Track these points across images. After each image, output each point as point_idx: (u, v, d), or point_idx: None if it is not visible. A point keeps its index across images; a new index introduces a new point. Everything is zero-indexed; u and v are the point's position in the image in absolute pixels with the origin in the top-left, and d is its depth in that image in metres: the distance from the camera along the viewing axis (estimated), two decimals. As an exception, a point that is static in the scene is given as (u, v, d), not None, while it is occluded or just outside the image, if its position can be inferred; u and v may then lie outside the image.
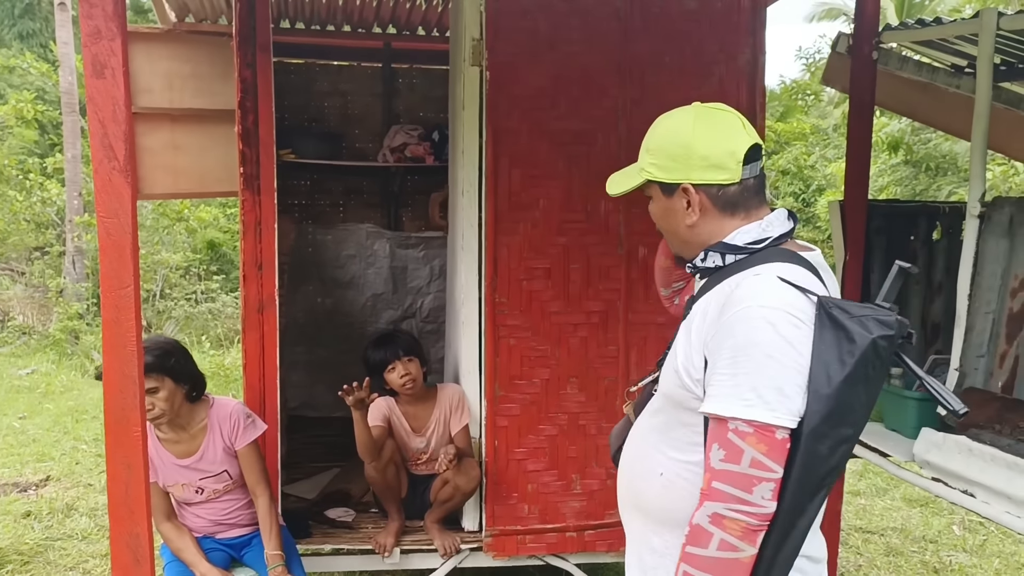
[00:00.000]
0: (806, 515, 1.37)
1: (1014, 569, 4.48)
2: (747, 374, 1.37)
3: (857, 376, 1.34)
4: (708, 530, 1.37)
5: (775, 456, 1.35)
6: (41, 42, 18.42)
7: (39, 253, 12.67)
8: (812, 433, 1.35)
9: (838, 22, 17.84)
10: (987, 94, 2.67)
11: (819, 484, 1.37)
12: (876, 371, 1.36)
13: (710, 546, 1.37)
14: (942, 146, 11.76)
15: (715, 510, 1.37)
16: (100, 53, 1.58)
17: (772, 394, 1.35)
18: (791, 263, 1.48)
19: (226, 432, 2.84)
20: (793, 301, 1.39)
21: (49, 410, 7.50)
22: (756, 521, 1.35)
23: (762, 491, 1.35)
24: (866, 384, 1.36)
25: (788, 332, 1.37)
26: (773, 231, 1.54)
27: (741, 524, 1.35)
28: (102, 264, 1.63)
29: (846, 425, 1.36)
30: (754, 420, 1.35)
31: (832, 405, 1.34)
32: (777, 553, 1.37)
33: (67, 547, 4.50)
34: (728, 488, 1.36)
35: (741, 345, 1.39)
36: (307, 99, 5.42)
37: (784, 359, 1.36)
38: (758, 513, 1.35)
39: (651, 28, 3.19)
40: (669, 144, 1.56)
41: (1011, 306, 2.64)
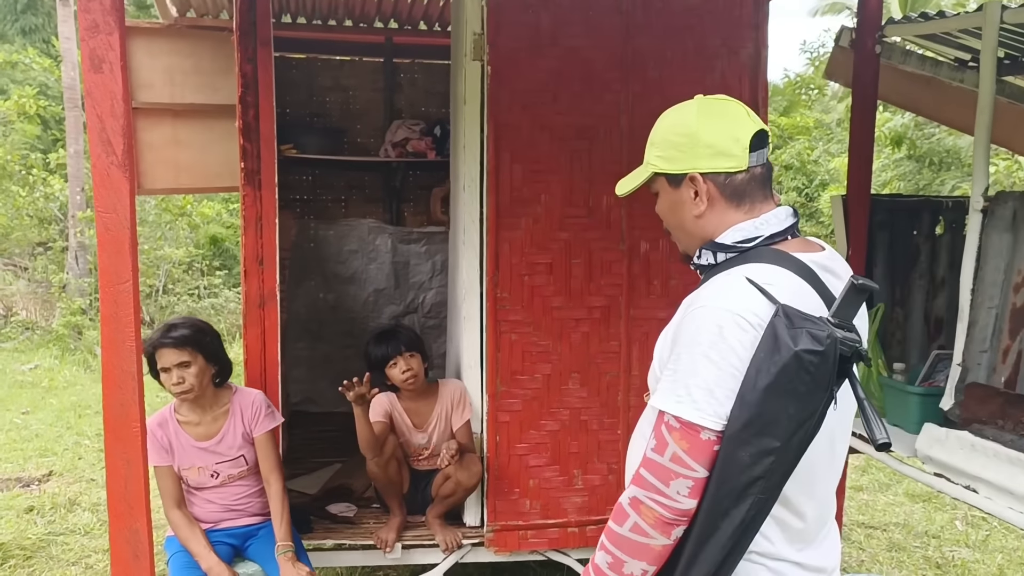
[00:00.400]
0: (730, 519, 1.35)
1: (1017, 564, 4.47)
2: (684, 372, 1.38)
3: (779, 387, 1.30)
4: (626, 511, 1.41)
5: (696, 455, 1.36)
6: (44, 37, 18.43)
7: (42, 248, 12.68)
8: (732, 438, 1.34)
9: (842, 16, 17.80)
10: (990, 88, 2.66)
11: (743, 491, 1.34)
12: (806, 386, 1.30)
13: (624, 525, 1.41)
14: (945, 141, 11.72)
15: (635, 494, 1.40)
16: (98, 47, 1.57)
17: (702, 394, 1.36)
18: (774, 264, 1.44)
19: (247, 418, 2.94)
20: (750, 304, 1.37)
21: (52, 405, 7.51)
22: (669, 514, 1.37)
23: (678, 486, 1.36)
24: (794, 398, 1.30)
25: (732, 334, 1.35)
26: (766, 230, 1.50)
27: (655, 513, 1.38)
28: (100, 259, 1.63)
29: (769, 436, 1.31)
30: (680, 417, 1.37)
31: (752, 412, 1.31)
32: (699, 550, 1.37)
33: (69, 542, 4.51)
34: (649, 477, 1.39)
35: (685, 343, 1.40)
36: (308, 94, 5.41)
37: (721, 362, 1.35)
38: (671, 507, 1.37)
39: (653, 22, 3.18)
40: (673, 135, 1.54)
41: (1014, 301, 2.63)
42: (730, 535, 1.36)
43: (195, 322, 2.95)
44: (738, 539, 1.37)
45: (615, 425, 3.27)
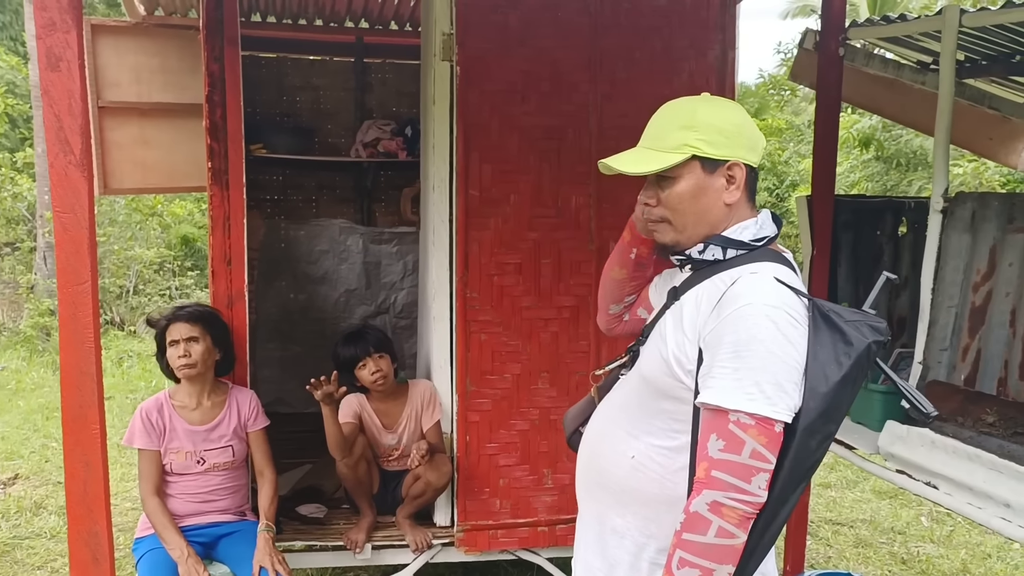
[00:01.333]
0: (788, 504, 1.43)
1: (980, 559, 4.55)
2: (750, 369, 1.41)
3: (850, 377, 1.41)
4: (707, 518, 1.40)
5: (772, 448, 1.40)
6: (11, 35, 18.14)
7: (9, 249, 12.49)
8: (807, 429, 1.40)
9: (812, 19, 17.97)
10: (950, 90, 2.70)
11: (804, 476, 1.43)
12: (863, 373, 1.45)
13: (708, 533, 1.40)
14: (913, 142, 11.88)
15: (715, 498, 1.40)
16: (55, 45, 1.56)
17: (773, 389, 1.40)
18: (782, 264, 1.54)
19: (243, 413, 3.07)
20: (790, 301, 1.45)
21: (19, 407, 7.40)
22: (751, 509, 1.40)
23: (759, 481, 1.39)
24: (853, 385, 1.43)
25: (788, 331, 1.42)
26: (767, 231, 1.59)
27: (739, 512, 1.39)
28: (58, 260, 1.62)
29: (833, 422, 1.43)
30: (756, 413, 1.39)
31: (827, 403, 1.40)
32: (760, 540, 1.42)
33: (35, 546, 4.45)
34: (727, 477, 1.40)
35: (744, 341, 1.42)
36: (279, 93, 5.38)
37: (785, 356, 1.41)
38: (754, 502, 1.40)
39: (621, 23, 3.20)
40: (720, 121, 1.57)
41: (973, 300, 2.67)
42: (784, 520, 1.44)
43: (208, 308, 3.15)
44: (782, 527, 1.45)
45: (584, 424, 3.28)
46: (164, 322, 2.99)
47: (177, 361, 2.92)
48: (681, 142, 1.56)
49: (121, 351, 9.91)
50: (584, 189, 3.21)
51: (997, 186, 10.47)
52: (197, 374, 2.96)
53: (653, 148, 1.59)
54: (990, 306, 2.62)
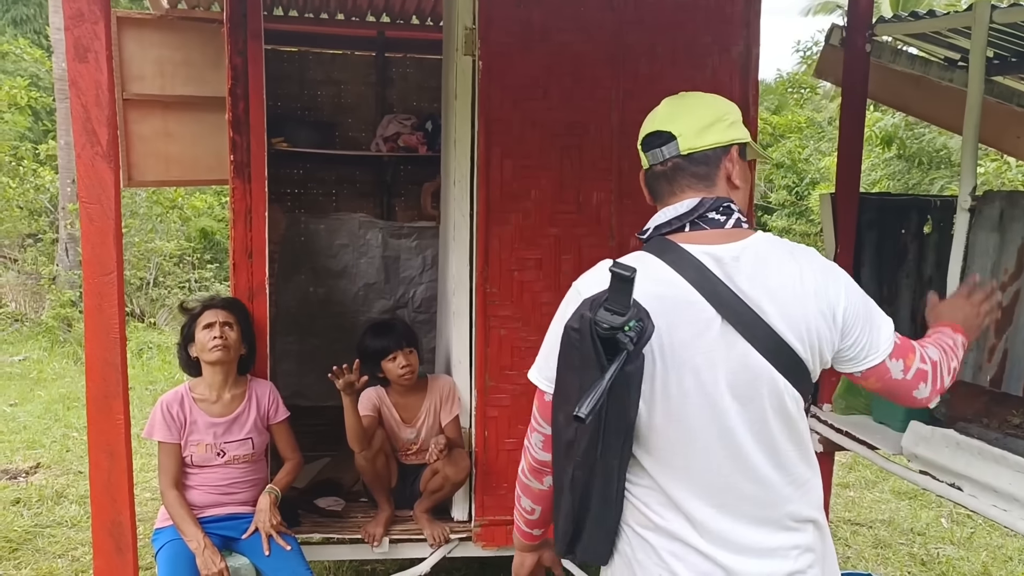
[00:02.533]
0: (568, 475, 1.48)
1: (1001, 562, 4.50)
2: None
3: (562, 359, 1.45)
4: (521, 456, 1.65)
5: (542, 413, 1.56)
6: (35, 28, 18.31)
7: (32, 240, 12.60)
8: (553, 403, 1.52)
9: (834, 15, 17.83)
10: (979, 88, 2.67)
11: (567, 451, 1.47)
12: (580, 361, 1.40)
13: (520, 468, 1.66)
14: (935, 141, 11.76)
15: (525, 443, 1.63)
16: (83, 36, 1.56)
17: (541, 360, 1.57)
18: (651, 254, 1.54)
19: (263, 405, 3.11)
20: (593, 280, 1.55)
21: (40, 397, 7.48)
22: (532, 463, 1.61)
23: (534, 440, 1.59)
24: (572, 370, 1.42)
25: (564, 308, 1.55)
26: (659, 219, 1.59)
27: (528, 461, 1.62)
28: (84, 250, 1.62)
29: (568, 403, 1.40)
30: (531, 379, 1.59)
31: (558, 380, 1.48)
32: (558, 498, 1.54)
33: (56, 534, 4.49)
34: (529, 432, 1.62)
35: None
36: (300, 87, 5.39)
37: (552, 330, 1.56)
38: (532, 456, 1.60)
39: (645, 19, 3.17)
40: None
41: (1000, 300, 2.64)
42: (569, 488, 1.50)
43: (241, 303, 3.20)
44: (583, 494, 1.49)
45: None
46: (200, 308, 3.05)
47: (211, 342, 2.95)
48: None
49: (141, 343, 9.99)
50: (605, 185, 3.20)
51: (1020, 185, 10.36)
52: (227, 360, 3.00)
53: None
54: (1017, 306, 2.58)
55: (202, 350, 2.98)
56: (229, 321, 3.01)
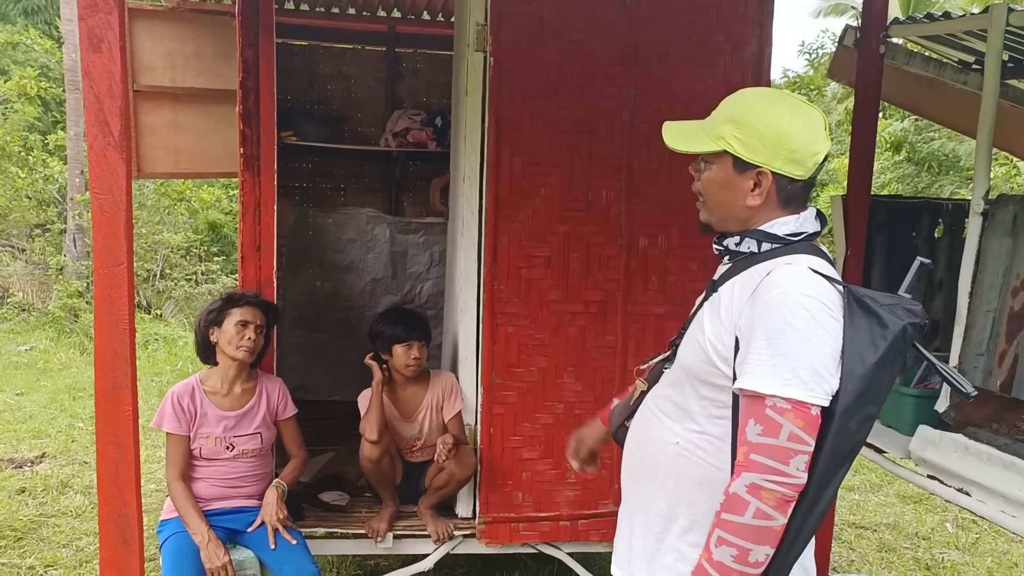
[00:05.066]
0: (831, 487, 1.45)
1: (1007, 568, 4.48)
2: (785, 355, 1.44)
3: (887, 359, 1.44)
4: (745, 499, 1.43)
5: (810, 431, 1.42)
6: (46, 19, 18.35)
7: (40, 230, 12.65)
8: (846, 411, 1.43)
9: (845, 17, 17.75)
10: (994, 91, 2.65)
11: (846, 457, 1.46)
12: (901, 355, 1.47)
13: (746, 514, 1.43)
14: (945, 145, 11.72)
15: (753, 480, 1.43)
16: (96, 26, 1.56)
17: (808, 375, 1.43)
18: (818, 256, 1.56)
19: (273, 400, 3.12)
20: (824, 290, 1.48)
21: (46, 387, 7.50)
22: (790, 492, 1.42)
23: (797, 463, 1.42)
24: (892, 367, 1.46)
25: (822, 318, 1.45)
26: (808, 227, 1.60)
27: (777, 495, 1.42)
28: (95, 241, 1.62)
29: (872, 404, 1.46)
30: (792, 398, 1.42)
31: (864, 385, 1.43)
32: (804, 523, 1.45)
33: (61, 524, 4.50)
34: (766, 460, 1.42)
35: (779, 328, 1.45)
36: (310, 82, 5.39)
37: (819, 342, 1.44)
38: (792, 484, 1.42)
39: (657, 17, 3.16)
40: (763, 126, 1.56)
41: (1012, 305, 2.62)
42: (828, 502, 1.46)
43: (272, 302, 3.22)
44: (829, 506, 1.47)
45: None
46: (242, 300, 3.04)
47: (243, 342, 2.96)
48: (719, 134, 1.59)
49: (147, 334, 10.01)
50: (615, 183, 3.19)
51: (1030, 190, 10.31)
52: (249, 361, 3.03)
53: (704, 128, 1.63)
54: (1029, 312, 2.57)
55: (228, 343, 2.97)
56: (262, 325, 3.03)
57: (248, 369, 3.09)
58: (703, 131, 1.63)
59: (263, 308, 3.08)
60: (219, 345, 3.00)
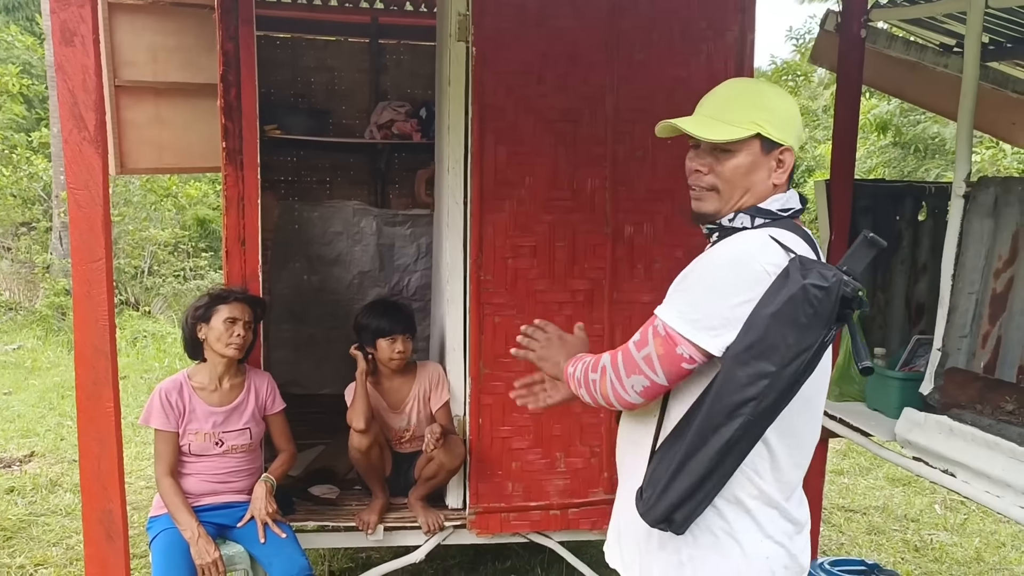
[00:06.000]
0: (719, 435, 1.48)
1: (994, 548, 4.52)
2: (689, 292, 1.55)
3: (782, 315, 1.44)
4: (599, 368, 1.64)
5: (666, 364, 1.53)
6: (27, 15, 18.15)
7: (25, 228, 12.55)
8: (734, 358, 1.48)
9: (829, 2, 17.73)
10: (974, 73, 2.65)
11: (735, 409, 1.47)
12: (807, 319, 1.44)
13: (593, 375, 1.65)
14: (931, 128, 11.74)
15: (605, 365, 1.62)
16: (69, 20, 1.54)
17: (697, 316, 1.51)
18: (794, 233, 1.60)
19: (262, 395, 3.12)
20: (768, 254, 1.52)
21: (35, 386, 7.46)
22: (615, 400, 1.60)
23: (634, 383, 1.57)
24: (794, 328, 1.44)
25: (744, 275, 1.50)
26: (793, 203, 1.66)
27: (606, 391, 1.61)
28: (72, 237, 1.61)
29: (766, 360, 1.45)
30: (668, 324, 1.53)
31: (755, 336, 1.46)
32: (687, 460, 1.51)
33: (50, 523, 4.49)
34: (619, 362, 1.59)
35: (700, 270, 1.57)
36: (293, 74, 5.36)
37: (726, 296, 1.50)
38: (620, 395, 1.59)
39: (639, 4, 3.16)
40: (783, 109, 1.66)
41: (994, 287, 2.63)
42: (717, 450, 1.49)
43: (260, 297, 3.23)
44: (723, 457, 1.50)
45: (598, 408, 3.26)
46: (229, 296, 3.02)
47: (231, 339, 2.95)
48: (749, 119, 1.64)
49: (136, 331, 9.96)
50: (600, 172, 3.18)
51: (1015, 173, 10.35)
52: (237, 358, 3.02)
53: (717, 119, 1.66)
54: (1011, 293, 2.58)
55: (217, 341, 2.96)
56: (250, 321, 3.02)
57: (236, 364, 3.08)
58: (721, 121, 1.65)
59: (250, 303, 3.06)
60: (207, 342, 2.99)
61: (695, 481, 1.51)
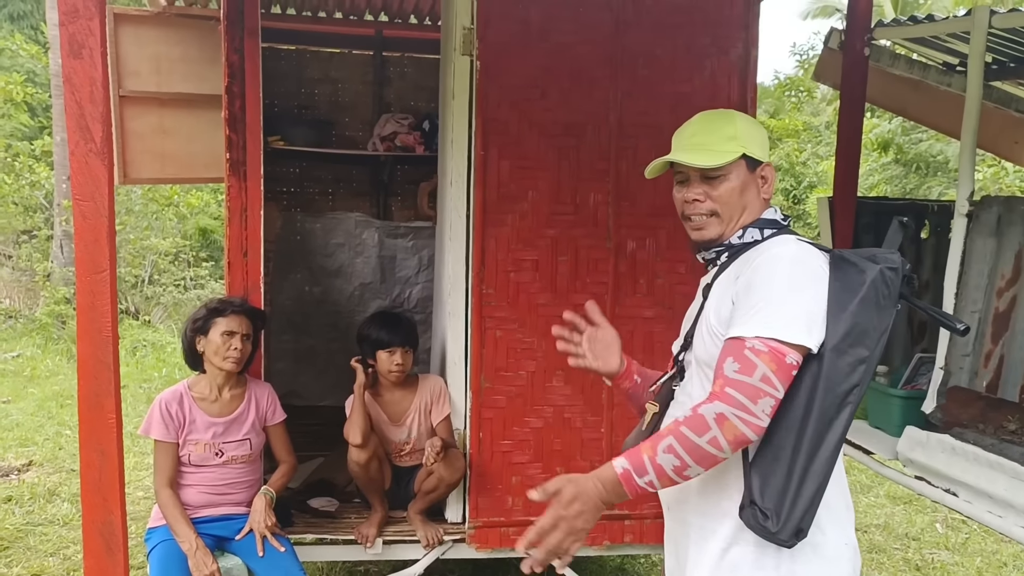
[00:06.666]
0: (834, 428, 1.50)
1: (996, 567, 4.50)
2: (769, 303, 1.53)
3: (868, 298, 1.52)
4: (709, 424, 1.49)
5: (782, 376, 1.49)
6: (32, 24, 18.25)
7: (27, 236, 12.56)
8: (833, 349, 1.50)
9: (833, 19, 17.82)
10: (978, 92, 2.66)
11: (844, 399, 1.50)
12: (885, 300, 1.54)
13: (703, 438, 1.48)
14: (933, 147, 11.78)
15: (722, 411, 1.48)
16: (78, 32, 1.55)
17: (788, 319, 1.51)
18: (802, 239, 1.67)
19: (262, 406, 3.11)
20: (811, 252, 1.60)
21: (34, 395, 7.45)
22: (750, 432, 1.48)
23: (763, 406, 1.48)
24: (877, 309, 1.53)
25: (808, 269, 1.56)
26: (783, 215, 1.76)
27: (737, 431, 1.48)
28: (77, 248, 1.61)
29: (862, 346, 1.51)
30: (769, 337, 1.49)
31: (849, 324, 1.50)
32: (810, 463, 1.50)
33: (48, 532, 4.47)
34: (738, 395, 1.48)
35: (764, 280, 1.56)
36: (297, 86, 5.38)
37: (803, 293, 1.53)
38: (754, 424, 1.48)
39: (643, 20, 3.17)
40: (753, 129, 1.75)
41: (997, 305, 2.63)
42: (835, 444, 1.51)
43: (259, 309, 3.20)
44: (838, 450, 1.52)
45: (598, 423, 3.26)
46: (227, 309, 2.99)
47: (229, 353, 2.93)
48: (731, 143, 1.72)
49: (136, 340, 9.97)
50: (603, 186, 3.19)
51: (1018, 191, 10.37)
52: (236, 369, 2.99)
53: (701, 149, 1.72)
54: (1014, 312, 2.58)
55: (215, 354, 2.95)
56: (246, 332, 2.99)
57: (237, 375, 3.07)
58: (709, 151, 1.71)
59: (249, 315, 3.05)
60: (206, 354, 2.98)
61: (821, 481, 1.51)
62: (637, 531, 3.27)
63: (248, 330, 3.00)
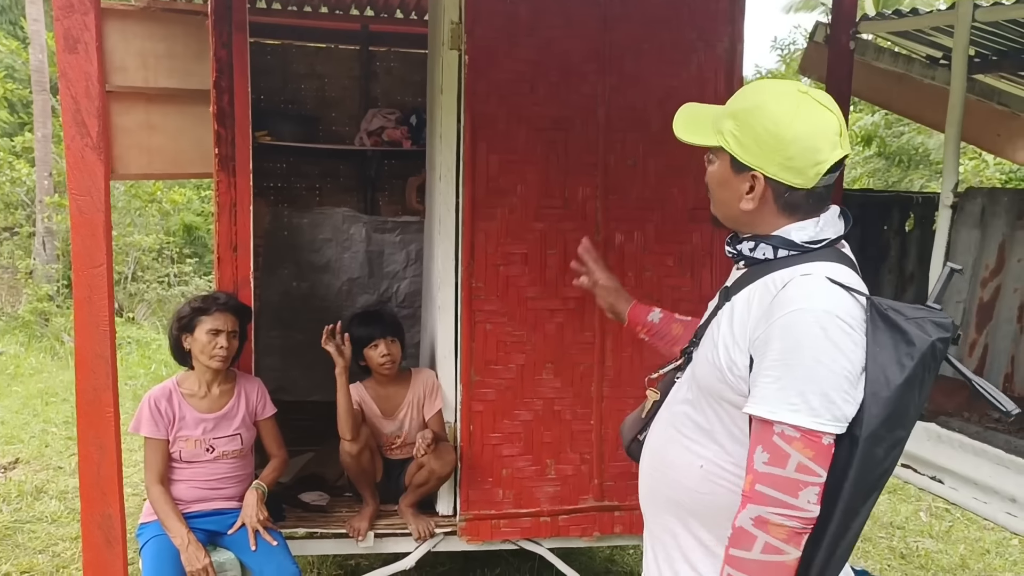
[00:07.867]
0: (859, 517, 1.38)
1: (979, 555, 4.57)
2: (795, 378, 1.35)
3: (915, 379, 1.34)
4: (752, 533, 1.36)
5: (821, 461, 1.34)
6: (11, 19, 18.05)
7: (8, 234, 12.45)
8: (871, 437, 1.34)
9: (816, 12, 17.92)
10: (961, 86, 2.70)
11: (874, 485, 1.38)
12: (930, 373, 1.36)
13: (754, 549, 1.36)
14: (915, 139, 11.88)
15: (759, 513, 1.36)
16: (72, 27, 1.55)
17: (818, 400, 1.34)
18: (839, 263, 1.45)
19: (252, 401, 3.12)
20: (844, 304, 1.37)
21: (18, 392, 7.40)
22: (801, 525, 1.35)
23: (808, 495, 1.34)
24: (920, 387, 1.36)
25: (838, 337, 1.35)
26: (828, 232, 1.50)
27: (786, 528, 1.34)
28: (74, 243, 1.61)
29: (901, 427, 1.36)
30: (800, 426, 1.34)
31: (891, 408, 1.33)
32: (831, 556, 1.38)
33: (36, 530, 4.45)
34: (772, 492, 1.35)
35: (790, 348, 1.36)
36: (284, 81, 5.36)
37: (833, 365, 1.34)
38: (804, 517, 1.34)
39: (630, 14, 3.18)
40: (760, 126, 1.47)
41: (981, 296, 2.68)
42: (857, 533, 1.39)
43: (244, 304, 3.19)
44: (856, 539, 1.40)
45: (588, 415, 3.29)
46: (212, 306, 2.98)
47: (215, 351, 2.93)
48: (721, 126, 1.53)
49: (120, 337, 9.89)
50: (591, 180, 3.21)
51: (998, 184, 10.48)
52: (223, 367, 3.00)
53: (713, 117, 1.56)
54: (998, 302, 2.62)
55: (201, 352, 2.95)
56: (232, 329, 2.99)
57: (225, 372, 3.07)
58: (711, 121, 1.55)
59: (234, 312, 3.04)
60: (192, 352, 2.98)
61: (845, 562, 1.41)
62: (627, 522, 3.30)
63: (234, 327, 3.00)
